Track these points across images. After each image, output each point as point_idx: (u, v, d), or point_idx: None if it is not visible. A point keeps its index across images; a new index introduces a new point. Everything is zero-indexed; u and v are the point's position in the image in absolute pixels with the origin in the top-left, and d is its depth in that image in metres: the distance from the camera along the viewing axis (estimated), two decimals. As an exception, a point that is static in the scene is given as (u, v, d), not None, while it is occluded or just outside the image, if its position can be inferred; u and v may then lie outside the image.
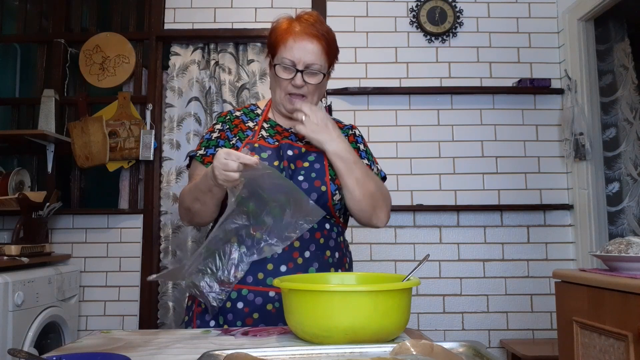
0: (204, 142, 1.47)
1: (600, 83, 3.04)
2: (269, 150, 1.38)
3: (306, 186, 1.32)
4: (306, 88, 1.39)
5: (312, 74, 1.38)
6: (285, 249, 1.28)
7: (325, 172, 1.36)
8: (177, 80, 3.12)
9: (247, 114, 1.51)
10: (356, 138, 1.53)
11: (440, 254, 3.03)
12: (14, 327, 2.24)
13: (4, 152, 3.20)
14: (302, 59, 1.36)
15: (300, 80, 1.37)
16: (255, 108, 1.53)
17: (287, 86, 1.39)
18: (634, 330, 1.48)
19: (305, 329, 0.92)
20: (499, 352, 2.92)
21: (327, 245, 1.35)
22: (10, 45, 3.39)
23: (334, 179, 1.36)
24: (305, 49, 1.35)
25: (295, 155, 1.38)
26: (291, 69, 1.37)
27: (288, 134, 1.46)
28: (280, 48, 1.38)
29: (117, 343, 0.97)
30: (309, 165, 1.36)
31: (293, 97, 1.40)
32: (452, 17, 3.15)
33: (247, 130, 1.45)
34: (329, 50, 1.39)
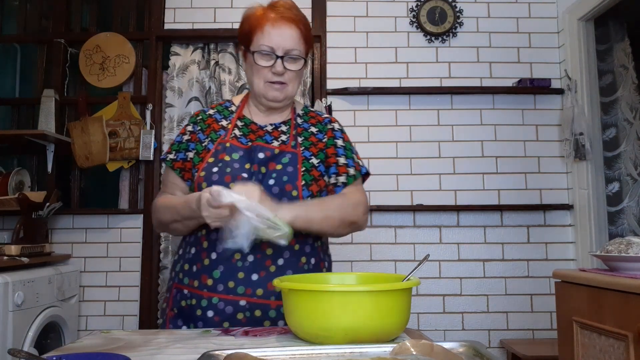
0: (174, 146, 1.42)
1: (600, 83, 3.04)
2: (241, 151, 1.33)
3: (277, 190, 1.27)
4: (287, 75, 1.34)
5: (292, 60, 1.33)
6: (257, 257, 1.24)
7: (297, 176, 1.30)
8: (177, 80, 3.12)
9: (221, 111, 1.45)
10: (334, 133, 1.45)
11: (440, 254, 3.03)
12: (14, 327, 2.24)
13: (4, 152, 3.20)
14: (281, 45, 1.31)
15: (280, 66, 1.32)
16: (230, 105, 1.48)
17: (267, 74, 1.34)
18: (634, 330, 1.48)
19: (305, 329, 0.92)
20: (499, 352, 2.92)
21: (303, 252, 1.31)
22: (10, 45, 3.39)
23: (308, 185, 1.30)
24: (283, 34, 1.31)
25: (267, 158, 1.32)
26: (271, 55, 1.31)
27: (263, 132, 1.40)
28: (257, 35, 1.32)
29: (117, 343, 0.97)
30: (282, 168, 1.30)
31: (274, 84, 1.35)
32: (452, 17, 3.15)
33: (219, 130, 1.39)
34: (307, 35, 1.35)
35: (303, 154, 1.35)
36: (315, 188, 1.32)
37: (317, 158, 1.37)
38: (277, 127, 1.41)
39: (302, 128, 1.42)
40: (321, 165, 1.36)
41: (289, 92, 1.37)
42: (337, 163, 1.39)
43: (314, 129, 1.43)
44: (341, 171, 1.39)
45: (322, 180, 1.36)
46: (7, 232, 2.89)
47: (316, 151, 1.38)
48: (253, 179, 1.27)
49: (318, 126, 1.43)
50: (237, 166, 1.29)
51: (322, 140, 1.40)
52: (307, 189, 1.30)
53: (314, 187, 1.31)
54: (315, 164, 1.35)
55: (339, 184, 1.38)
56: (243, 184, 1.21)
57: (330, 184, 1.39)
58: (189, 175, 1.38)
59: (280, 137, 1.39)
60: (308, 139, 1.40)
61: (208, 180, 1.27)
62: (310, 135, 1.41)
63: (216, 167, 1.29)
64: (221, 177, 1.27)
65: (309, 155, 1.36)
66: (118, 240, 3.04)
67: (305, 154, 1.35)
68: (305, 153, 1.36)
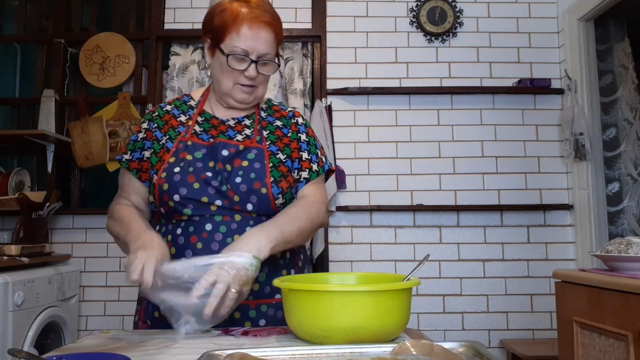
0: (130, 145, 1.35)
1: (600, 83, 3.04)
2: (203, 148, 1.26)
3: (244, 189, 1.21)
4: (258, 79, 1.29)
5: (265, 64, 1.27)
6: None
7: (266, 172, 1.24)
8: (177, 80, 3.12)
9: (179, 106, 1.38)
10: (298, 127, 1.38)
11: (440, 254, 3.03)
12: (14, 327, 2.24)
13: (4, 152, 3.20)
14: (256, 49, 1.24)
15: (254, 71, 1.26)
16: (189, 99, 1.40)
17: (238, 77, 1.27)
18: (634, 330, 1.48)
19: (305, 329, 0.92)
20: (499, 352, 2.92)
21: None
22: (10, 45, 3.39)
23: (277, 181, 1.25)
24: (259, 37, 1.24)
25: (232, 155, 1.25)
26: (244, 59, 1.25)
27: (225, 127, 1.33)
28: (230, 35, 1.24)
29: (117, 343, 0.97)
30: (248, 165, 1.24)
31: (245, 87, 1.29)
32: (452, 17, 3.15)
33: (178, 127, 1.32)
34: (279, 38, 1.30)
35: (269, 149, 1.29)
36: (284, 184, 1.26)
37: (284, 153, 1.31)
38: (240, 122, 1.34)
39: (267, 122, 1.36)
40: (288, 161, 1.31)
41: (259, 94, 1.33)
42: (300, 158, 1.34)
43: (279, 123, 1.37)
44: (304, 166, 1.33)
45: (290, 176, 1.30)
46: (7, 232, 2.89)
47: (282, 146, 1.32)
48: (218, 178, 1.21)
49: (282, 120, 1.37)
50: (200, 165, 1.23)
51: (287, 134, 1.35)
52: (277, 185, 1.24)
53: (283, 183, 1.26)
54: (283, 159, 1.30)
55: (301, 179, 1.33)
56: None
57: (294, 179, 1.34)
58: (146, 176, 1.32)
59: (244, 131, 1.32)
60: (273, 132, 1.34)
61: (170, 182, 1.21)
62: (276, 129, 1.35)
63: (178, 167, 1.23)
64: (183, 177, 1.21)
65: (275, 150, 1.30)
66: (118, 240, 3.03)
67: (272, 149, 1.30)
68: (271, 148, 1.30)
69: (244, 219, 1.21)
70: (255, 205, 1.21)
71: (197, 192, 1.20)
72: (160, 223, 1.30)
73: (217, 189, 1.20)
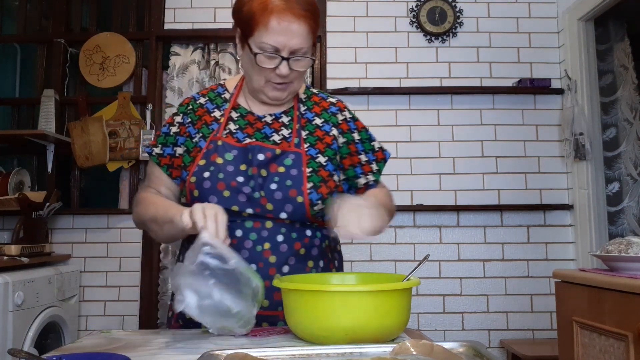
0: (160, 138, 1.26)
1: (600, 83, 3.04)
2: (235, 150, 1.18)
3: (279, 196, 1.14)
4: (292, 75, 1.17)
5: (299, 60, 1.16)
6: (259, 265, 1.12)
7: (303, 180, 1.16)
8: (177, 80, 3.12)
9: (212, 99, 1.28)
10: (348, 124, 1.30)
11: (440, 254, 3.03)
12: (14, 327, 2.24)
13: (4, 152, 3.20)
14: (287, 45, 1.12)
15: (286, 69, 1.15)
16: (223, 91, 1.30)
17: (270, 74, 1.17)
18: (634, 330, 1.48)
19: (305, 329, 0.92)
20: (499, 352, 2.92)
21: (310, 255, 1.19)
22: (10, 45, 3.39)
23: (317, 187, 1.16)
24: (290, 31, 1.11)
25: (268, 159, 1.17)
26: (274, 56, 1.14)
27: (261, 124, 1.23)
28: (259, 29, 1.12)
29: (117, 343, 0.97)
30: (285, 171, 1.16)
31: (278, 85, 1.19)
32: (452, 17, 3.15)
33: (212, 123, 1.23)
34: (315, 27, 1.16)
35: (308, 152, 1.20)
36: (324, 190, 1.18)
37: (325, 155, 1.22)
38: (277, 118, 1.26)
39: (306, 119, 1.27)
40: (330, 165, 1.22)
41: (293, 90, 1.23)
42: (360, 162, 1.29)
43: (319, 120, 1.27)
44: (366, 170, 1.29)
45: (331, 180, 1.21)
46: (7, 232, 2.89)
47: (323, 147, 1.23)
48: (251, 184, 1.14)
49: (323, 115, 1.28)
50: (231, 169, 1.15)
51: (330, 133, 1.26)
52: (316, 191, 1.16)
53: (323, 189, 1.18)
54: (323, 163, 1.21)
55: (370, 182, 1.30)
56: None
57: (362, 185, 1.30)
58: (177, 173, 1.24)
59: (282, 130, 1.23)
60: (313, 133, 1.25)
61: (200, 189, 1.15)
62: (316, 129, 1.26)
63: (207, 171, 1.16)
64: (213, 184, 1.14)
65: (315, 153, 1.21)
66: (118, 240, 3.04)
67: (311, 152, 1.21)
68: (310, 151, 1.21)
69: (275, 226, 1.15)
70: (290, 213, 1.15)
71: (227, 200, 1.13)
72: None
73: (248, 196, 1.14)
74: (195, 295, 0.91)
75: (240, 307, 0.93)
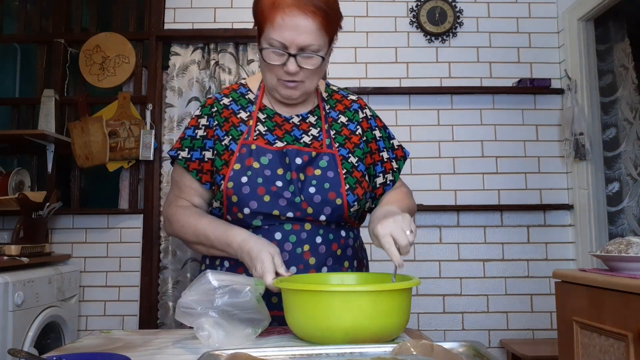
0: (186, 141, 1.22)
1: (600, 83, 3.04)
2: (270, 153, 1.16)
3: (319, 199, 1.14)
4: (302, 73, 1.15)
5: (308, 58, 1.13)
6: (300, 268, 1.13)
7: (340, 181, 1.16)
8: (177, 80, 3.12)
9: (237, 100, 1.26)
10: (369, 122, 1.29)
11: (440, 254, 3.03)
12: (14, 327, 2.24)
13: (4, 152, 3.20)
14: (294, 41, 1.10)
15: (293, 66, 1.12)
16: (246, 91, 1.28)
17: (279, 72, 1.15)
18: (634, 330, 1.48)
19: (305, 329, 0.92)
20: (499, 352, 2.92)
21: (345, 256, 1.21)
22: (10, 45, 3.38)
23: (353, 189, 1.17)
24: (297, 27, 1.09)
25: (305, 163, 1.16)
26: (282, 52, 1.12)
27: (289, 126, 1.22)
28: (267, 25, 1.11)
29: (117, 343, 0.97)
30: (321, 174, 1.16)
31: (288, 83, 1.17)
32: (452, 17, 3.15)
33: (239, 125, 1.21)
34: (329, 24, 1.12)
35: (340, 153, 1.20)
36: (360, 191, 1.18)
37: (355, 156, 1.22)
38: (304, 119, 1.24)
39: (332, 118, 1.26)
40: (361, 165, 1.22)
41: (307, 89, 1.19)
42: (382, 160, 1.28)
43: (344, 119, 1.27)
44: (387, 168, 1.28)
45: (364, 181, 1.22)
46: (7, 232, 2.88)
47: (352, 147, 1.23)
48: (291, 188, 1.13)
49: (347, 114, 1.28)
50: (268, 173, 1.14)
51: (356, 132, 1.26)
52: (352, 193, 1.16)
53: (358, 190, 1.18)
54: (355, 164, 1.21)
55: (387, 182, 1.29)
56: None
57: (379, 184, 1.28)
58: (207, 177, 1.21)
59: (310, 131, 1.22)
60: (340, 132, 1.24)
61: (239, 194, 1.12)
62: (342, 128, 1.25)
63: (245, 176, 1.13)
64: (253, 189, 1.12)
65: (346, 153, 1.21)
66: (118, 240, 3.04)
67: (342, 152, 1.21)
68: (341, 151, 1.21)
69: (314, 228, 1.16)
70: (329, 215, 1.15)
71: (267, 205, 1.13)
72: None
73: (289, 200, 1.13)
74: (220, 329, 0.93)
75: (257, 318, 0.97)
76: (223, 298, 0.93)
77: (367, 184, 1.24)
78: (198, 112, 1.26)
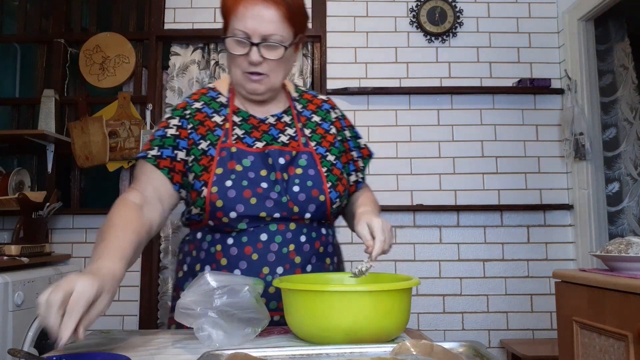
0: (155, 141, 1.18)
1: (600, 83, 3.04)
2: (251, 155, 1.15)
3: (303, 197, 1.14)
4: (266, 65, 1.15)
5: (271, 47, 1.13)
6: (286, 267, 1.13)
7: (322, 179, 1.18)
8: (177, 80, 3.12)
9: (209, 103, 1.24)
10: (341, 122, 1.32)
11: (440, 254, 3.03)
12: (14, 327, 2.24)
13: (4, 152, 3.20)
14: (257, 30, 1.11)
15: (256, 55, 1.13)
16: (217, 95, 1.26)
17: (243, 63, 1.15)
18: (634, 330, 1.48)
19: (305, 329, 0.92)
20: (499, 352, 2.92)
21: (327, 253, 1.22)
22: (10, 45, 3.39)
23: (335, 186, 1.19)
24: (260, 16, 1.11)
25: (287, 162, 1.17)
26: (245, 42, 1.13)
27: (266, 126, 1.22)
28: (231, 18, 1.13)
29: (117, 343, 0.97)
30: (303, 172, 1.17)
31: (252, 75, 1.16)
32: (452, 17, 3.15)
33: (215, 129, 1.19)
34: (292, 16, 1.14)
35: (318, 151, 1.22)
36: (341, 188, 1.20)
37: (332, 154, 1.24)
38: (279, 118, 1.25)
39: (305, 117, 1.28)
40: (338, 162, 1.24)
41: (272, 84, 1.19)
42: (353, 159, 1.31)
43: (317, 118, 1.29)
44: (358, 167, 1.32)
45: (344, 178, 1.24)
46: (7, 232, 2.89)
47: (328, 145, 1.25)
48: (276, 188, 1.13)
49: (319, 113, 1.30)
50: (252, 176, 1.13)
51: (330, 131, 1.28)
52: (335, 190, 1.18)
53: (340, 187, 1.20)
54: (333, 161, 1.23)
55: (359, 180, 1.33)
56: None
57: (352, 182, 1.32)
58: (178, 178, 1.17)
59: (286, 130, 1.23)
60: (315, 131, 1.26)
61: (224, 198, 1.11)
62: (317, 127, 1.27)
63: (229, 180, 1.12)
64: (239, 193, 1.11)
65: (324, 151, 1.23)
66: (118, 240, 3.03)
67: (320, 151, 1.22)
68: (319, 150, 1.22)
69: (298, 227, 1.16)
70: (313, 213, 1.16)
71: (254, 207, 1.12)
72: (204, 231, 1.19)
73: (275, 201, 1.13)
74: (219, 329, 0.93)
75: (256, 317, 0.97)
76: (222, 298, 0.94)
77: (347, 180, 1.27)
78: (168, 114, 1.23)
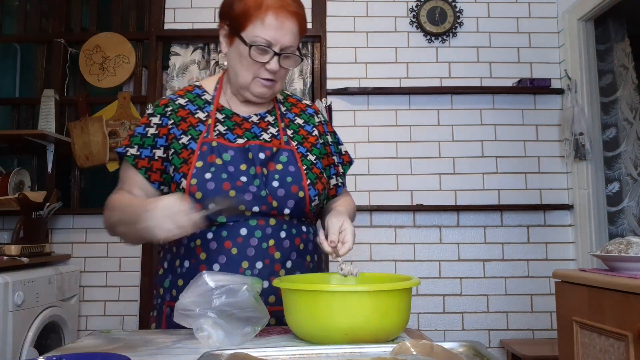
0: (135, 138, 1.21)
1: (600, 83, 3.04)
2: (231, 150, 1.18)
3: (282, 193, 1.16)
4: (279, 73, 1.20)
5: (288, 57, 1.19)
6: (266, 262, 1.14)
7: (301, 175, 1.20)
8: (177, 80, 3.12)
9: (193, 100, 1.26)
10: (323, 127, 1.36)
11: (440, 254, 3.03)
12: (14, 327, 2.24)
13: (4, 152, 3.20)
14: (279, 40, 1.15)
15: (276, 64, 1.17)
16: (202, 92, 1.29)
17: (259, 70, 1.18)
18: (634, 330, 1.48)
19: (305, 329, 0.92)
20: (499, 352, 2.92)
21: (307, 250, 1.22)
22: (10, 45, 3.39)
23: (314, 184, 1.21)
24: (284, 28, 1.15)
25: (268, 158, 1.19)
26: (267, 50, 1.16)
27: (249, 124, 1.25)
28: (254, 23, 1.14)
29: (117, 343, 0.97)
30: (283, 168, 1.19)
31: (266, 81, 1.20)
32: (452, 17, 3.15)
33: (198, 125, 1.21)
34: (303, 29, 1.20)
35: (299, 150, 1.25)
36: (320, 187, 1.24)
37: (313, 154, 1.27)
38: (262, 118, 1.28)
39: (288, 119, 1.31)
40: (319, 162, 1.28)
41: (278, 89, 1.26)
42: (333, 163, 1.35)
43: (300, 120, 1.32)
44: (339, 172, 1.36)
45: (324, 177, 1.27)
46: (7, 232, 2.89)
47: (309, 146, 1.28)
48: (256, 182, 1.15)
49: (303, 116, 1.34)
50: (232, 169, 1.15)
51: (312, 133, 1.31)
52: (314, 187, 1.21)
53: (319, 185, 1.23)
54: (314, 161, 1.26)
55: (339, 184, 1.36)
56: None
57: (332, 185, 1.35)
58: (156, 177, 1.20)
59: (269, 129, 1.26)
60: (298, 132, 1.30)
61: (203, 190, 1.13)
62: (299, 129, 1.31)
63: (208, 172, 1.14)
64: (218, 185, 1.13)
65: (305, 151, 1.26)
66: (118, 240, 3.03)
67: (301, 150, 1.26)
68: (300, 149, 1.26)
69: (278, 223, 1.17)
70: (292, 209, 1.18)
71: (233, 200, 1.14)
72: None
73: (254, 194, 1.15)
74: (219, 329, 0.93)
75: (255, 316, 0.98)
76: (221, 298, 0.94)
77: (326, 181, 1.30)
78: (150, 110, 1.26)
